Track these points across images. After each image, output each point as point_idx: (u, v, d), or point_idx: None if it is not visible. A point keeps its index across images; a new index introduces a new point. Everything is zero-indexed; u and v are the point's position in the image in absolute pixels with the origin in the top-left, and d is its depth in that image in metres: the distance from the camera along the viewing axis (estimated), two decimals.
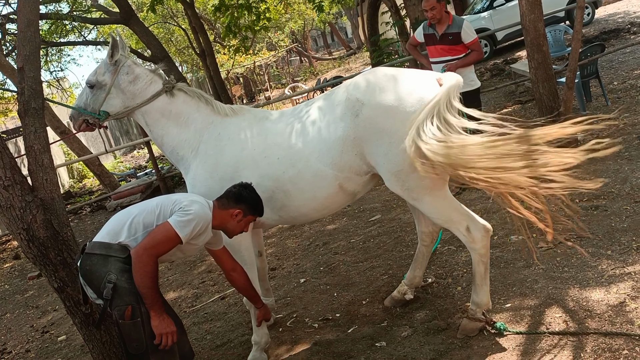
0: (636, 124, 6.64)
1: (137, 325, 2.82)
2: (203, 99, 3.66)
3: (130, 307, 2.81)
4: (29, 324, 6.12)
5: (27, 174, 3.66)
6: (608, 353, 2.93)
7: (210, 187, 3.48)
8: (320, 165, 3.30)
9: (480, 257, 3.32)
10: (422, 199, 3.26)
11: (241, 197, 3.18)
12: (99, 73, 3.59)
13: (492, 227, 3.33)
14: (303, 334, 4.06)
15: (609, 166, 5.50)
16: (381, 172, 3.27)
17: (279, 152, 3.40)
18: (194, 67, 29.90)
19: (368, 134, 3.17)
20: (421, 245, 3.92)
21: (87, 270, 2.90)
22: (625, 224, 4.23)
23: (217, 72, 14.26)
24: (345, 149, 3.24)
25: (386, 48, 14.03)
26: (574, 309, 3.39)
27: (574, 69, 5.94)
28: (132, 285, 2.83)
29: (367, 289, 4.46)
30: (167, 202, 3.07)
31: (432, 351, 3.39)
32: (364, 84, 3.26)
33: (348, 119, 3.21)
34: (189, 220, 2.92)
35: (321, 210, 3.53)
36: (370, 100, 3.17)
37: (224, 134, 3.56)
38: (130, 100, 3.58)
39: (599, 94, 8.35)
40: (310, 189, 3.37)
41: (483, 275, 3.36)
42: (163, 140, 3.67)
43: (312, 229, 6.49)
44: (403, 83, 3.19)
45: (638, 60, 10.00)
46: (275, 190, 3.42)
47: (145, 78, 3.59)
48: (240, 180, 3.37)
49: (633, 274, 3.56)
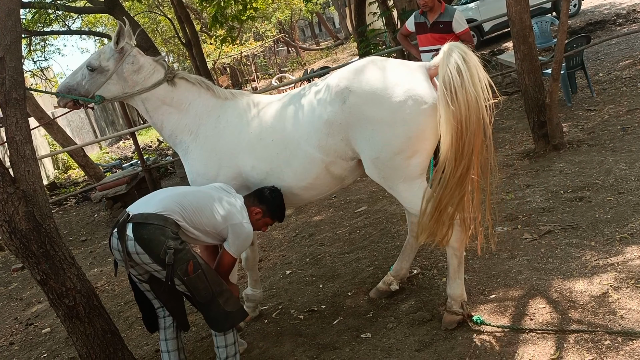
0: (620, 116, 6.69)
1: (201, 276, 3.11)
2: (204, 85, 3.73)
3: (191, 262, 3.09)
4: (12, 316, 6.07)
5: (9, 166, 3.61)
6: (590, 344, 2.96)
7: (207, 166, 3.59)
8: (308, 147, 3.37)
9: (453, 251, 3.35)
10: (397, 187, 3.33)
11: (264, 199, 3.43)
12: (102, 58, 3.60)
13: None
14: (288, 325, 4.06)
15: (593, 157, 5.54)
16: (362, 158, 3.33)
17: (273, 134, 3.48)
18: (180, 57, 29.65)
19: (353, 120, 3.22)
20: (410, 237, 3.93)
21: (145, 238, 3.07)
22: (609, 215, 4.26)
23: (203, 62, 14.14)
24: (331, 133, 3.29)
25: (373, 39, 14.00)
26: (557, 299, 3.42)
27: (559, 60, 5.96)
28: (185, 244, 3.13)
29: (352, 281, 4.46)
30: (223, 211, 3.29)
31: (417, 342, 3.40)
32: (354, 71, 3.31)
33: (336, 105, 3.26)
34: (244, 246, 3.36)
35: (311, 191, 3.57)
36: (358, 88, 3.21)
37: (223, 117, 3.63)
38: (131, 88, 3.62)
39: (584, 86, 8.40)
40: (301, 170, 3.44)
41: (456, 268, 3.39)
42: (163, 125, 3.72)
43: (298, 220, 6.48)
44: (392, 73, 3.23)
45: (623, 51, 10.06)
46: (270, 171, 3.51)
47: (148, 67, 3.64)
48: (237, 163, 3.55)
49: (616, 265, 3.59)
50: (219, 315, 3.20)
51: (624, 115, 6.66)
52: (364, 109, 3.19)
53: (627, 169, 5.01)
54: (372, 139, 3.20)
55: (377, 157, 3.23)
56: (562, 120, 6.55)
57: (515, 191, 5.28)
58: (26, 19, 12.87)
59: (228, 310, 3.20)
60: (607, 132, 6.25)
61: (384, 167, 3.26)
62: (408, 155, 3.20)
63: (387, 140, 3.17)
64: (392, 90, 3.16)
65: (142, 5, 16.85)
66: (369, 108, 3.18)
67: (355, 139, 3.27)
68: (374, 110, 3.17)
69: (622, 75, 8.55)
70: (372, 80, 3.22)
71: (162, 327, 3.44)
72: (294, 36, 40.87)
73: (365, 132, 3.21)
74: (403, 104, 3.12)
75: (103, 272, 6.77)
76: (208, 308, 3.19)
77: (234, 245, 3.29)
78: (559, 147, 6.01)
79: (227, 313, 3.19)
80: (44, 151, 16.68)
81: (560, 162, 5.71)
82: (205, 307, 3.20)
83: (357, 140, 3.26)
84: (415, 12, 6.15)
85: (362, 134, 3.22)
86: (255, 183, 3.57)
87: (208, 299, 3.15)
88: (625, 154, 5.40)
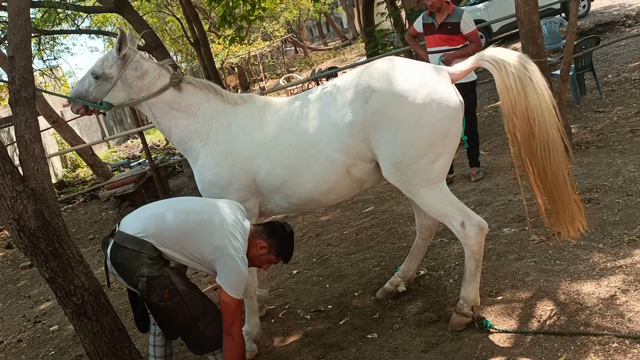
0: (629, 117, 6.65)
1: (178, 302, 3.00)
2: (212, 89, 3.64)
3: (166, 290, 2.97)
4: (21, 314, 6.10)
5: (18, 164, 3.63)
6: (598, 346, 2.94)
7: (219, 175, 3.50)
8: (330, 150, 3.30)
9: (472, 254, 3.31)
10: (417, 192, 3.27)
11: (274, 233, 3.22)
12: (105, 65, 3.55)
13: (487, 225, 3.31)
14: (295, 325, 4.06)
15: (602, 159, 5.52)
16: (381, 160, 3.26)
17: (292, 138, 3.39)
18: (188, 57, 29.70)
19: (375, 120, 3.17)
20: (419, 239, 3.91)
21: (119, 263, 3.02)
22: (617, 217, 4.24)
23: (211, 62, 14.17)
24: (353, 134, 3.24)
25: (381, 39, 13.99)
26: (565, 302, 3.41)
27: (568, 61, 5.94)
28: (163, 271, 3.00)
29: (359, 281, 4.46)
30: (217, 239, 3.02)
31: (423, 343, 3.40)
32: (377, 71, 3.26)
33: (357, 105, 3.21)
34: (239, 283, 3.02)
35: (329, 194, 3.50)
36: (381, 88, 3.16)
37: (235, 123, 3.55)
38: (136, 94, 3.57)
39: (593, 87, 8.36)
40: (322, 173, 3.37)
41: (473, 272, 3.35)
42: (171, 130, 3.65)
43: (305, 220, 6.49)
44: (416, 75, 3.19)
45: (633, 53, 10.01)
46: (287, 177, 3.43)
47: (153, 73, 3.57)
48: (250, 169, 3.46)
49: (624, 267, 3.57)
50: (198, 338, 3.11)
51: (633, 117, 6.62)
52: (388, 109, 3.13)
53: (636, 170, 4.99)
54: (394, 141, 3.14)
55: (399, 160, 3.17)
56: (570, 121, 6.52)
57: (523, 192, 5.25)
58: (36, 18, 12.94)
59: (208, 335, 3.09)
60: (615, 133, 6.22)
61: (406, 170, 3.19)
62: (432, 159, 3.17)
63: (411, 143, 3.12)
64: (417, 92, 3.11)
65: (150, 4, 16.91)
66: (392, 109, 3.12)
67: (376, 141, 3.21)
68: (398, 111, 3.11)
69: (632, 76, 8.50)
70: (397, 80, 3.16)
71: (152, 333, 3.36)
72: (302, 36, 40.88)
73: (388, 134, 3.15)
74: (427, 107, 3.09)
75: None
76: (187, 330, 3.10)
77: (229, 284, 2.98)
78: (567, 149, 5.96)
79: (206, 337, 3.10)
80: (52, 150, 16.77)
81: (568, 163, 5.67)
82: (184, 330, 3.11)
83: (378, 142, 3.20)
84: (423, 13, 6.15)
85: (385, 136, 3.16)
86: (271, 189, 3.50)
87: (186, 323, 3.06)
88: (634, 156, 5.37)
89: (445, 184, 3.32)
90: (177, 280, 3.04)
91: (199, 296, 3.15)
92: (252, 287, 3.73)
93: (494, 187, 5.68)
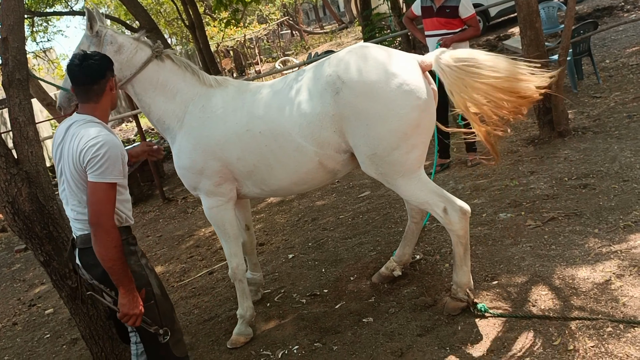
0: (627, 103, 6.64)
1: (152, 307, 2.71)
2: (190, 69, 3.61)
3: (143, 290, 2.68)
4: (16, 297, 6.10)
5: (12, 147, 3.60)
6: (592, 330, 2.96)
7: (193, 160, 3.48)
8: (301, 140, 3.27)
9: (458, 239, 3.32)
10: (396, 182, 3.27)
11: (104, 67, 2.73)
12: (83, 47, 3.45)
13: (469, 209, 3.31)
14: (290, 309, 4.07)
15: (599, 145, 5.51)
16: (357, 153, 3.25)
17: (261, 125, 3.36)
18: (183, 40, 29.50)
19: (347, 113, 3.14)
20: (411, 223, 3.92)
21: (92, 264, 2.66)
22: (613, 203, 4.25)
23: (206, 44, 14.07)
24: (325, 126, 3.21)
25: (378, 22, 13.89)
26: (560, 286, 3.42)
27: (566, 46, 5.91)
28: (141, 267, 2.73)
29: (355, 265, 4.47)
30: (70, 157, 2.61)
31: (419, 327, 3.41)
32: (346, 62, 3.21)
33: (328, 96, 3.17)
34: (104, 164, 2.53)
35: (302, 185, 3.53)
36: (352, 79, 3.13)
37: (208, 106, 3.51)
38: (118, 71, 3.45)
39: (590, 72, 8.34)
40: (292, 163, 3.36)
41: (462, 256, 3.37)
42: (150, 109, 3.60)
43: (301, 204, 6.48)
44: (386, 65, 3.15)
45: (631, 38, 9.97)
46: (257, 164, 3.41)
47: (129, 47, 3.50)
48: (222, 155, 3.37)
49: (619, 253, 3.58)
50: (167, 358, 2.79)
51: (630, 103, 6.61)
52: (357, 101, 3.11)
53: (632, 156, 4.99)
54: (367, 134, 3.13)
55: (373, 153, 3.17)
56: (567, 107, 6.51)
57: (519, 178, 5.27)
58: (29, 0, 12.80)
59: (176, 355, 2.80)
60: (612, 119, 6.21)
61: (382, 162, 3.20)
62: (406, 150, 3.15)
63: (383, 136, 3.11)
64: (386, 84, 3.08)
65: None
66: (362, 101, 3.10)
67: (350, 134, 3.19)
68: (368, 104, 3.09)
69: (629, 62, 8.47)
70: (366, 72, 3.13)
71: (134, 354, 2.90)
72: (298, 19, 40.61)
73: (360, 127, 3.13)
74: (397, 98, 3.07)
75: None
76: (157, 347, 2.77)
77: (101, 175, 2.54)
78: (564, 134, 5.97)
79: (175, 358, 2.80)
80: (47, 133, 16.65)
81: (565, 149, 5.68)
82: (154, 346, 2.78)
83: (351, 134, 3.19)
84: None
85: (357, 128, 3.14)
86: (242, 175, 3.49)
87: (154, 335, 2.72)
88: (630, 142, 5.37)
89: (423, 172, 3.31)
90: (154, 283, 2.78)
91: (171, 308, 2.89)
92: (239, 270, 3.72)
93: (490, 172, 5.67)
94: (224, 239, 3.71)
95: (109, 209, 2.56)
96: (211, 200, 3.60)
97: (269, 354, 3.58)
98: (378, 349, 3.30)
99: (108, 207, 2.55)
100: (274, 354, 3.57)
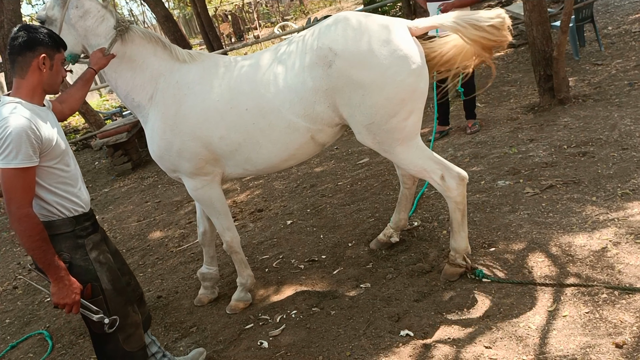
0: (628, 70, 6.59)
1: (99, 303, 2.60)
2: (160, 43, 3.40)
3: (89, 285, 2.57)
4: (15, 261, 6.14)
5: None
6: (587, 297, 2.99)
7: (169, 141, 3.33)
8: (292, 117, 3.19)
9: (456, 205, 3.32)
10: (393, 150, 3.24)
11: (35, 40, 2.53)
12: (48, 7, 3.31)
13: (467, 175, 3.31)
14: (289, 274, 4.10)
15: (599, 112, 5.49)
16: (352, 124, 3.20)
17: (247, 102, 3.23)
18: (180, 4, 29.05)
19: (341, 85, 3.08)
20: (403, 188, 3.93)
21: None
22: (612, 171, 4.24)
23: (204, 9, 13.87)
24: (318, 100, 3.14)
25: None
26: (556, 253, 3.44)
27: (569, 12, 5.83)
28: (88, 262, 2.61)
29: (353, 232, 4.48)
30: None
31: (416, 292, 3.44)
32: (335, 32, 3.12)
33: (320, 70, 3.09)
34: (7, 148, 2.35)
35: (289, 161, 3.44)
36: (345, 50, 3.05)
37: (183, 82, 3.33)
38: (83, 38, 3.32)
39: (592, 39, 8.25)
40: (283, 140, 3.27)
41: (460, 222, 3.37)
42: (117, 83, 3.40)
43: (300, 171, 6.48)
44: (377, 32, 3.08)
45: (634, 4, 9.84)
46: (243, 142, 3.30)
47: (96, 13, 3.30)
48: (201, 134, 3.24)
49: (616, 220, 3.59)
50: (115, 352, 2.71)
51: (632, 70, 6.56)
52: (352, 72, 3.04)
53: (632, 124, 4.97)
54: (363, 104, 3.08)
55: (371, 122, 3.12)
56: (568, 74, 6.46)
57: (518, 145, 5.25)
58: None
59: (127, 349, 2.71)
60: (613, 87, 6.17)
61: (379, 131, 3.15)
62: (404, 117, 3.12)
63: (381, 104, 3.06)
64: (380, 51, 3.02)
65: None
66: (357, 71, 3.04)
67: (344, 105, 3.13)
68: (363, 74, 3.03)
69: (632, 29, 8.38)
70: (358, 41, 3.05)
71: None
72: None
73: (356, 97, 3.08)
74: (392, 65, 3.02)
75: (105, 219, 6.81)
76: (104, 341, 2.68)
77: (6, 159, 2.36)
78: (564, 102, 5.94)
79: (125, 352, 2.71)
80: None
81: (565, 116, 5.65)
82: (101, 340, 2.69)
83: (346, 106, 3.12)
84: None
85: (353, 99, 3.09)
86: (225, 155, 3.36)
87: (102, 331, 2.61)
88: (631, 110, 5.34)
89: (420, 139, 3.28)
90: (104, 278, 2.64)
91: (124, 303, 2.73)
92: (235, 242, 3.70)
93: (489, 139, 5.66)
94: (214, 216, 3.61)
95: (19, 196, 2.38)
96: (195, 182, 3.47)
97: (268, 318, 3.62)
98: (375, 313, 3.33)
99: (18, 194, 2.37)
100: (272, 318, 3.61)
